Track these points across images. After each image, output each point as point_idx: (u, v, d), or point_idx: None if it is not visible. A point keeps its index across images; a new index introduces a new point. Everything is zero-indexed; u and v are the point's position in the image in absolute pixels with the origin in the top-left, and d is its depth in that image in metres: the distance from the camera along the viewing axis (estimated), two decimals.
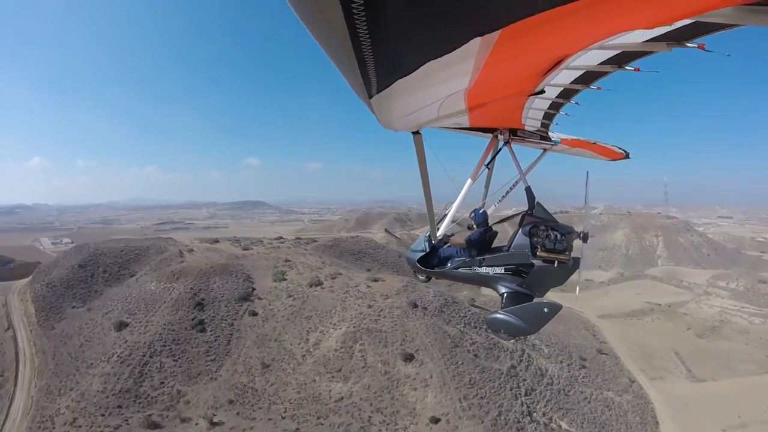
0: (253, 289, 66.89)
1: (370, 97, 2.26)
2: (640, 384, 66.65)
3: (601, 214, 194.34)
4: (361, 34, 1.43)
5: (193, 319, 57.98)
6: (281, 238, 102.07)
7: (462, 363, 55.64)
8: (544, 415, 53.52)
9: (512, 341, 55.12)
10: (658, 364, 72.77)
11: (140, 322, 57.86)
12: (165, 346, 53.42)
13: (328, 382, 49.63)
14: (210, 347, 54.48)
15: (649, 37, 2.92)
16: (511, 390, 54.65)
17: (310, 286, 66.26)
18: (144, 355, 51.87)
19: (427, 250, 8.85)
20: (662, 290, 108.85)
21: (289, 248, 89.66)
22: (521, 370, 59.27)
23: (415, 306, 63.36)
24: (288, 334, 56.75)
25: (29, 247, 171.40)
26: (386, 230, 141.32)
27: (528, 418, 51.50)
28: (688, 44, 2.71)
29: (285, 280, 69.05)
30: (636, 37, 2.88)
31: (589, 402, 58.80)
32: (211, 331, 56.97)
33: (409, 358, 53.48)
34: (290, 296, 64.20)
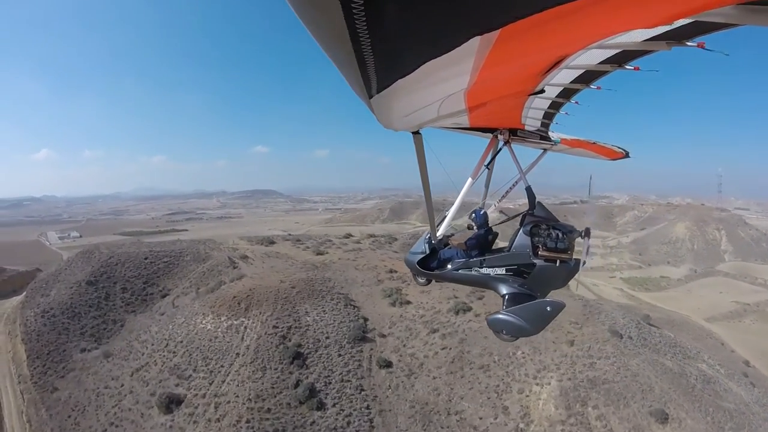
0: (365, 319, 40.83)
1: (371, 97, 2.12)
2: None
3: (643, 204, 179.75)
4: (361, 34, 1.37)
5: (296, 386, 31.70)
6: (350, 235, 75.39)
7: (713, 410, 34.60)
8: None
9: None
10: None
11: (203, 394, 31.55)
12: None
13: None
14: None
15: (649, 36, 2.71)
16: None
17: (457, 313, 40.27)
18: None
19: (427, 252, 7.93)
20: (740, 288, 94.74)
21: (373, 250, 63.32)
22: (735, 404, 38.39)
23: (620, 335, 39.06)
24: (465, 400, 31.06)
25: (34, 243, 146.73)
26: None
27: None
28: (688, 43, 2.50)
29: (409, 303, 42.99)
30: (636, 36, 2.69)
31: None
32: (333, 404, 30.85)
33: (663, 417, 31.36)
34: (434, 331, 38.27)
